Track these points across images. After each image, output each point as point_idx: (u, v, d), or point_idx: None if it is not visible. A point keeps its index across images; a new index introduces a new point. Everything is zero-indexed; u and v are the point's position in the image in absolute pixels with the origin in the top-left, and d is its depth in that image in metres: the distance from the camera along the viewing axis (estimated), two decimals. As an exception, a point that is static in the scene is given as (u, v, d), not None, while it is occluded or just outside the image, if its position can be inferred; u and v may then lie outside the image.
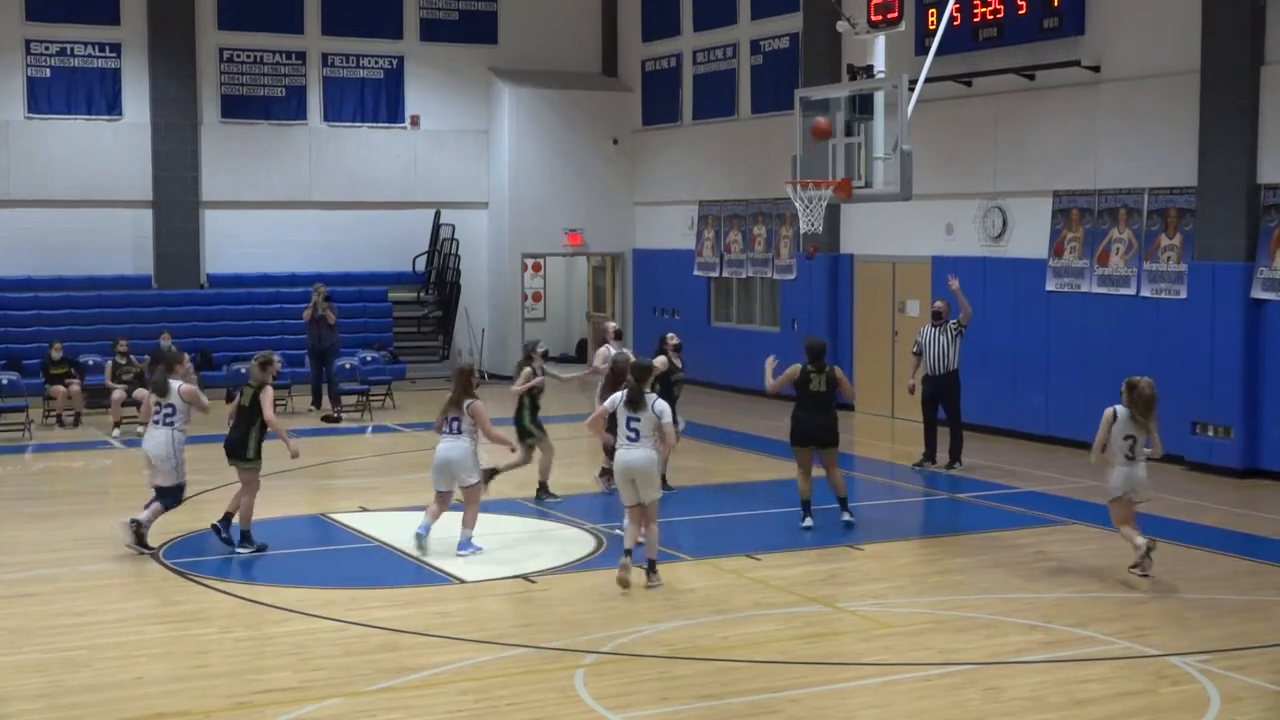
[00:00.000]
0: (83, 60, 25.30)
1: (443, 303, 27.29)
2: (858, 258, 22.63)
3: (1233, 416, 16.79)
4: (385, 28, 27.32)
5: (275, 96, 26.63)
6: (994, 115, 19.93)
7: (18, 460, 18.66)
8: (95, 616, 10.93)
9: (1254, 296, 16.62)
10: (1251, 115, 16.53)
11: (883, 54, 15.40)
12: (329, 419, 21.75)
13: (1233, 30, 16.64)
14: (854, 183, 14.99)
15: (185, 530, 13.91)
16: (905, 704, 8.94)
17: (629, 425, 11.65)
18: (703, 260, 26.13)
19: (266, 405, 13.06)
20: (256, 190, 26.43)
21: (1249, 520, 14.58)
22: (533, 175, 27.42)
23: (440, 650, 9.99)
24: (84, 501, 15.90)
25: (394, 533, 13.69)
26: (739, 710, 8.79)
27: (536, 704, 8.84)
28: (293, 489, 16.15)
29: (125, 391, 20.52)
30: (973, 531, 14.21)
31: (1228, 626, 10.65)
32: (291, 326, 24.67)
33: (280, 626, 10.59)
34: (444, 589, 11.86)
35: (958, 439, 17.39)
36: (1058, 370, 19.02)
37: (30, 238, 24.95)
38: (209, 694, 9.06)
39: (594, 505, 15.10)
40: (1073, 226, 18.85)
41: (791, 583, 11.88)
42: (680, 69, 26.83)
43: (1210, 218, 16.99)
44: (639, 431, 11.61)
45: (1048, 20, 18.78)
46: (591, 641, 10.17)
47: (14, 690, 9.22)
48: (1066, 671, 9.51)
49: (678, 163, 26.92)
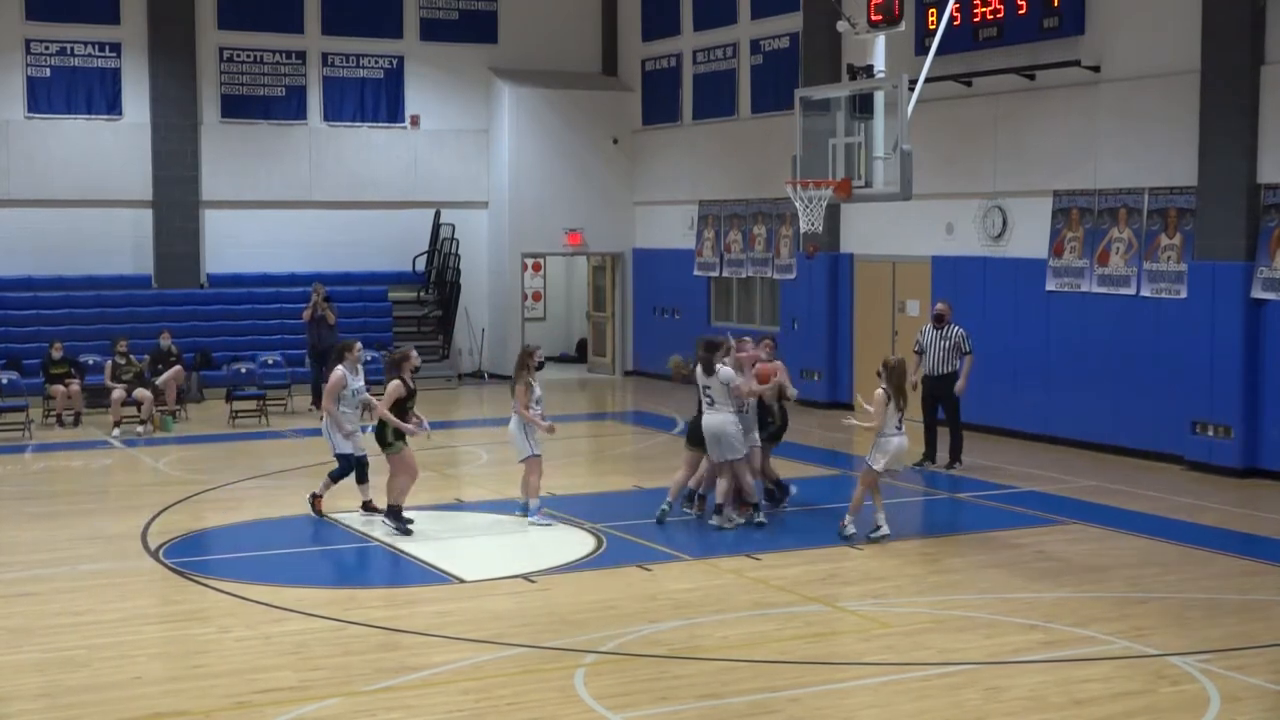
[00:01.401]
0: (83, 60, 25.31)
1: (443, 303, 27.29)
2: (858, 258, 22.63)
3: (1233, 416, 16.78)
4: (385, 27, 27.32)
5: (275, 96, 26.63)
6: (994, 115, 19.93)
7: (18, 460, 18.66)
8: (94, 616, 10.92)
9: (1254, 296, 16.62)
10: (1251, 115, 16.52)
11: (883, 54, 15.39)
12: (329, 419, 21.74)
13: (1233, 30, 16.64)
14: (854, 183, 14.97)
15: (185, 530, 13.91)
16: (905, 704, 8.94)
17: (704, 392, 13.71)
18: (703, 260, 26.13)
19: (384, 397, 13.76)
20: (256, 190, 26.43)
21: (1249, 520, 14.57)
22: (533, 175, 27.42)
23: (440, 650, 9.98)
24: (84, 501, 15.89)
25: (394, 532, 13.67)
26: (739, 710, 8.78)
27: (536, 704, 8.83)
28: (293, 489, 16.13)
29: (125, 391, 20.55)
30: (973, 531, 14.21)
31: (1228, 626, 10.64)
32: (291, 326, 24.68)
33: (280, 626, 10.58)
34: (444, 589, 11.85)
35: (958, 439, 17.39)
36: (1058, 370, 19.02)
37: (30, 238, 24.95)
38: (208, 694, 9.06)
39: (594, 505, 15.09)
40: (1073, 226, 18.84)
41: (791, 583, 11.88)
42: (680, 69, 26.83)
43: (1210, 218, 16.98)
44: (713, 397, 13.61)
45: (1048, 20, 18.78)
46: (591, 641, 10.17)
47: (13, 690, 9.21)
48: (1066, 671, 9.51)
49: (678, 163, 26.92)
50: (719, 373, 13.59)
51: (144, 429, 20.40)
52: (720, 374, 13.58)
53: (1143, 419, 17.94)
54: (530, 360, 14.07)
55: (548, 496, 15.46)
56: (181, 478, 17.06)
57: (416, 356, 14.28)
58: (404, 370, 13.79)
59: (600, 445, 20.86)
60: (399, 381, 13.71)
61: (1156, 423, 17.76)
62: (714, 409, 13.68)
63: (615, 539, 13.41)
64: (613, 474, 17.50)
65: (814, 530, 13.89)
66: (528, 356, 14.15)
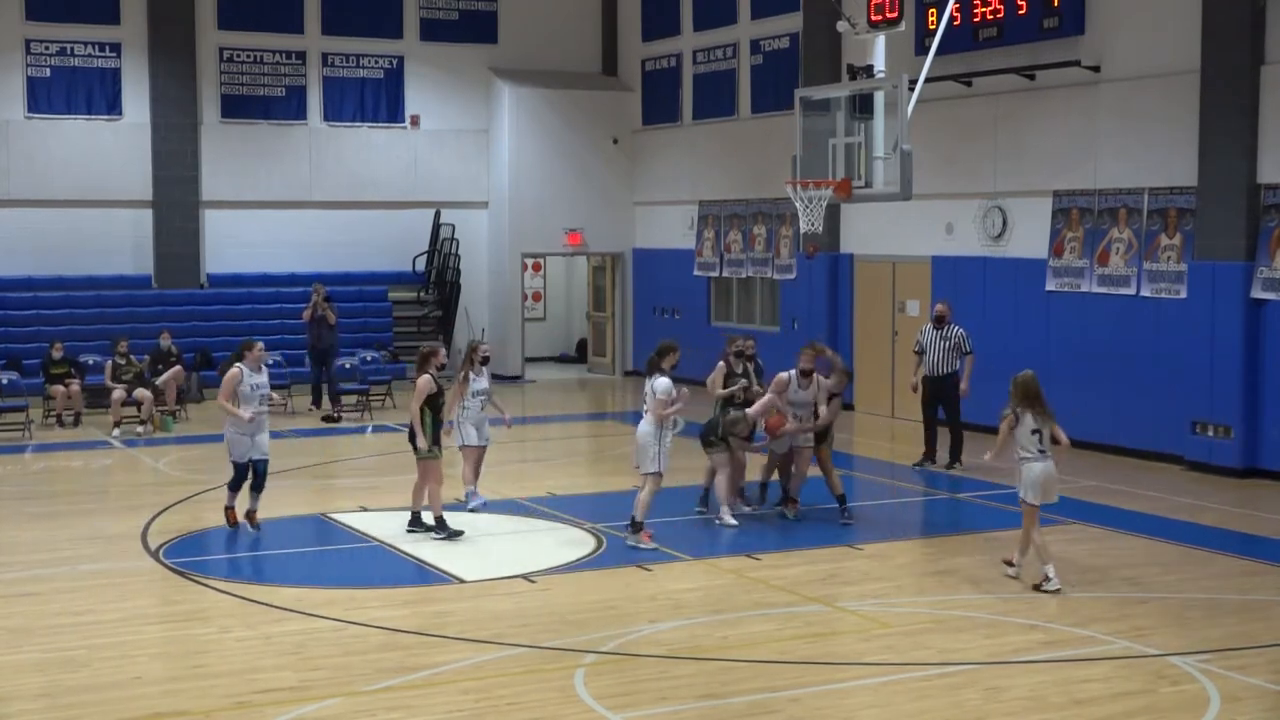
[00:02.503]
0: (83, 60, 25.31)
1: (443, 303, 27.29)
2: (858, 258, 22.63)
3: (1233, 416, 16.78)
4: (385, 27, 27.32)
5: (275, 96, 26.63)
6: (994, 115, 19.93)
7: (18, 460, 18.66)
8: (94, 616, 10.93)
9: (1254, 296, 16.62)
10: (1251, 115, 16.52)
11: (883, 54, 15.40)
12: (329, 419, 21.75)
13: (1233, 30, 16.64)
14: (854, 183, 14.98)
15: (185, 530, 13.91)
16: (905, 704, 8.94)
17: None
18: (703, 260, 26.13)
19: (415, 394, 13.52)
20: (256, 190, 26.44)
21: (1249, 520, 14.57)
22: (533, 175, 27.42)
23: (440, 650, 9.98)
24: (84, 501, 15.90)
25: (394, 532, 13.69)
26: (738, 710, 8.78)
27: (536, 704, 8.83)
28: (293, 489, 16.15)
29: (125, 391, 20.55)
30: (973, 531, 14.21)
31: (1228, 626, 10.64)
32: (291, 326, 24.68)
33: (280, 626, 10.58)
34: (444, 589, 11.85)
35: (958, 439, 17.38)
36: (1058, 370, 18.97)
37: (30, 238, 24.96)
38: (208, 694, 9.06)
39: (594, 505, 15.09)
40: (1073, 226, 18.84)
41: (791, 583, 11.88)
42: (680, 69, 26.83)
43: (1210, 218, 16.98)
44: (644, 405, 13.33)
45: (1048, 20, 18.78)
46: (591, 641, 10.17)
47: (14, 690, 9.21)
48: (1066, 671, 9.51)
49: (678, 163, 26.92)
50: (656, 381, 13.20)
51: (144, 429, 20.40)
52: (656, 384, 13.15)
53: (1143, 419, 17.94)
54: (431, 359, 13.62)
55: (548, 496, 15.49)
56: (181, 478, 17.07)
57: (444, 353, 14.05)
58: (430, 366, 13.53)
59: (600, 445, 20.86)
60: (428, 377, 13.46)
61: (1156, 423, 17.76)
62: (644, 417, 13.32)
63: (615, 539, 13.41)
64: (613, 474, 17.49)
65: (814, 530, 13.89)
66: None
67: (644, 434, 13.16)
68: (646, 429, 13.15)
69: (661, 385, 13.08)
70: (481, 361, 14.77)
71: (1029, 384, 11.76)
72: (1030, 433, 11.65)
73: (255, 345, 14.04)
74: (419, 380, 13.52)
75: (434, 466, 13.51)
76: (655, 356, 13.37)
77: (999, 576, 12.06)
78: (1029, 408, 11.66)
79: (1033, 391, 11.72)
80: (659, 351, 13.40)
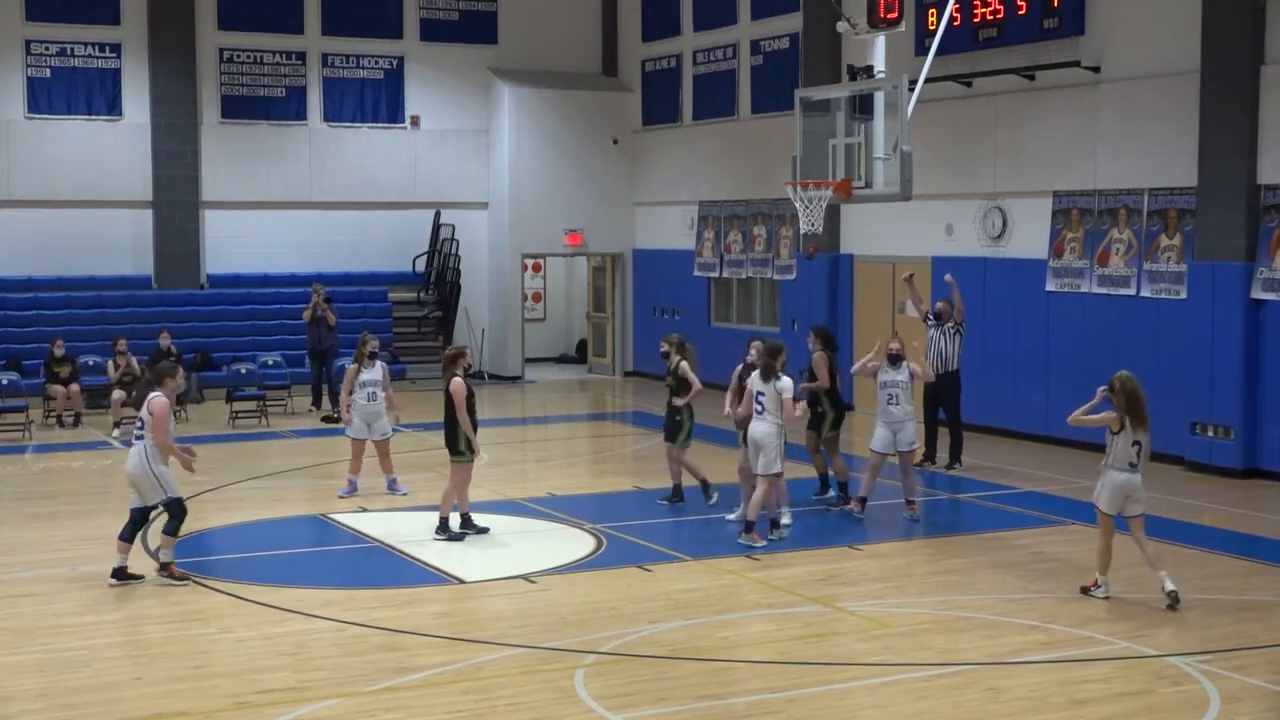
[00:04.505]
0: (83, 60, 25.31)
1: (443, 303, 27.28)
2: (858, 258, 22.63)
3: (1233, 416, 16.78)
4: (385, 28, 27.33)
5: (275, 96, 26.63)
6: (994, 115, 19.93)
7: (18, 460, 18.65)
8: (95, 616, 10.93)
9: (1254, 297, 16.62)
10: (1251, 115, 16.52)
11: (883, 54, 15.40)
12: (329, 419, 21.72)
13: (1233, 30, 16.64)
14: (854, 183, 14.98)
15: (185, 531, 13.88)
16: (905, 704, 8.94)
17: (756, 399, 13.26)
18: (703, 260, 26.13)
19: (455, 400, 13.24)
20: (256, 190, 26.44)
21: (1249, 520, 14.58)
22: (533, 175, 27.42)
23: (440, 650, 9.98)
24: (84, 501, 15.89)
25: (394, 532, 13.69)
26: (738, 710, 8.78)
27: (536, 704, 8.84)
28: (293, 489, 16.15)
29: (125, 392, 20.54)
30: (973, 531, 14.21)
31: (1227, 626, 10.65)
32: (291, 327, 24.67)
33: (280, 627, 10.58)
34: (444, 589, 11.86)
35: (958, 439, 17.39)
36: (1058, 370, 19.01)
37: (30, 238, 24.95)
38: (208, 694, 9.06)
39: (594, 505, 15.09)
40: (1073, 227, 18.84)
41: (791, 583, 11.88)
42: (680, 69, 26.83)
43: (1210, 218, 16.98)
44: (764, 405, 13.18)
45: (1048, 20, 18.78)
46: (591, 641, 10.17)
47: (14, 690, 9.21)
48: (1066, 671, 9.51)
49: (678, 163, 26.92)
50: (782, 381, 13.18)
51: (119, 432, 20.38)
52: (781, 385, 13.17)
53: (1143, 419, 17.92)
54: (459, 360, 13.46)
55: (548, 497, 15.47)
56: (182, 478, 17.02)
57: (470, 354, 13.90)
58: (458, 368, 13.28)
59: (600, 445, 20.86)
60: (460, 380, 13.24)
61: (1156, 423, 17.61)
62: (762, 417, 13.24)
63: (615, 539, 13.42)
64: (613, 474, 17.50)
65: (814, 531, 13.89)
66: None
67: (765, 434, 13.09)
68: (769, 429, 13.10)
69: (787, 385, 13.14)
70: (370, 355, 15.39)
71: (1135, 393, 11.10)
72: (1131, 444, 11.15)
73: (177, 373, 12.35)
74: (452, 385, 13.19)
75: (470, 469, 13.48)
76: (769, 358, 13.24)
77: (999, 576, 12.06)
78: (1135, 418, 11.11)
79: (1137, 401, 11.11)
80: (771, 352, 13.31)
